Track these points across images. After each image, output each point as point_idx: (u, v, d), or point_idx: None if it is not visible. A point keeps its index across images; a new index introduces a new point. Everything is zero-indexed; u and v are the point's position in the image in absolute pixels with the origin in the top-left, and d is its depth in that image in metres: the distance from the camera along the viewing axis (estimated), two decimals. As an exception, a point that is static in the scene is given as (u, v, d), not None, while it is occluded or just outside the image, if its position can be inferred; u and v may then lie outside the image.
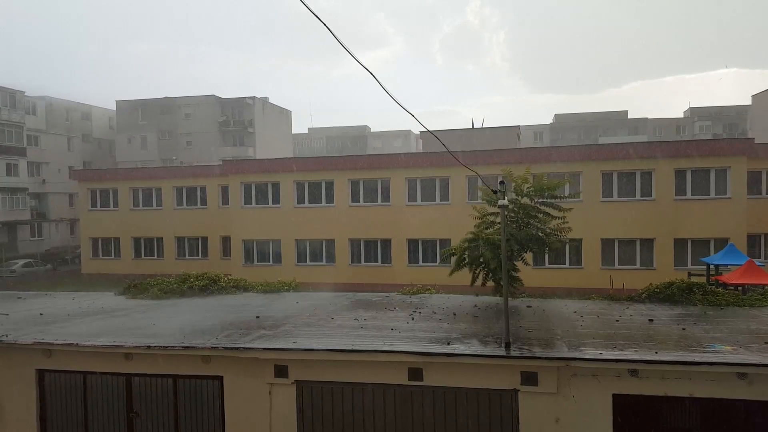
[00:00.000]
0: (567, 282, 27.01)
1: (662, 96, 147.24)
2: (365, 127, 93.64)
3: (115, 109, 62.01)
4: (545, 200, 14.49)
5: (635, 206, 28.44)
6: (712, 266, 21.87)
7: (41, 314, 12.78)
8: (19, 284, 31.64)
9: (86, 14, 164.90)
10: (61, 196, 55.98)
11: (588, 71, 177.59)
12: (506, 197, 10.15)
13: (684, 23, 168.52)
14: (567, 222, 14.53)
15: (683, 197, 28.02)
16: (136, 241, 39.71)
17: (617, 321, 10.77)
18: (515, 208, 14.15)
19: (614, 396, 8.33)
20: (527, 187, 14.46)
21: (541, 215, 14.20)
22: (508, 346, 8.79)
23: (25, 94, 52.79)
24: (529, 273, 18.35)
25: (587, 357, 8.30)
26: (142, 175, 40.44)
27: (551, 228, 14.24)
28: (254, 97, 61.88)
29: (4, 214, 49.85)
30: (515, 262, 14.24)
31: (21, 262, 42.66)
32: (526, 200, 14.38)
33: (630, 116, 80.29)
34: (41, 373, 10.51)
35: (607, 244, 28.87)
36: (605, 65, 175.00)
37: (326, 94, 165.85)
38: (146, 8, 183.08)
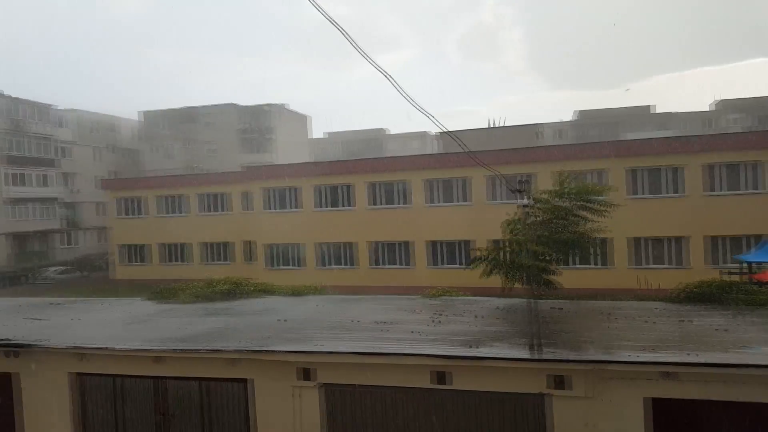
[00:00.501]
0: (595, 282, 26.55)
1: (689, 89, 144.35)
2: (382, 130, 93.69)
3: (140, 119, 63.20)
4: (585, 203, 14.22)
5: (664, 203, 27.88)
6: (745, 264, 21.29)
7: (72, 319, 13.01)
8: (53, 290, 32.39)
9: (110, 27, 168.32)
10: (90, 205, 57.35)
11: (609, 66, 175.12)
12: (529, 196, 10.02)
13: (710, 12, 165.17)
14: (605, 226, 14.41)
15: (714, 193, 27.36)
16: (163, 247, 40.34)
17: (648, 322, 10.52)
18: (553, 210, 13.94)
19: (650, 400, 8.07)
20: (567, 189, 14.17)
21: (578, 218, 14.01)
22: (536, 348, 8.64)
23: (55, 107, 54.30)
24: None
25: (620, 359, 8.07)
26: (167, 183, 41.14)
27: (587, 231, 14.09)
28: (272, 104, 62.64)
29: (38, 224, 51.21)
30: (551, 267, 14.07)
31: (54, 269, 43.81)
32: (565, 202, 14.19)
33: (655, 111, 78.82)
34: (75, 376, 10.74)
35: (635, 242, 28.36)
36: (627, 59, 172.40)
37: (343, 99, 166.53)
38: (169, 20, 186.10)
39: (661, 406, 8.09)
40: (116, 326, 12.10)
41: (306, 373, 9.40)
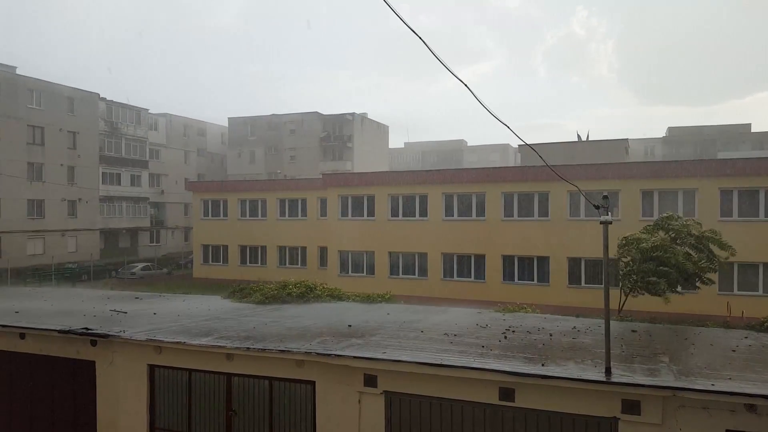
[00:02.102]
0: (679, 307, 25.09)
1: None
2: (462, 141, 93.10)
3: (227, 125, 66.19)
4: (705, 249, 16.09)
5: (758, 226, 26.06)
6: None
7: (155, 314, 13.76)
8: (137, 285, 34.37)
9: (204, 38, 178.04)
10: (177, 206, 60.60)
11: (706, 81, 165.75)
12: (609, 213, 9.63)
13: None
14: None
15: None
16: (242, 248, 41.91)
17: (734, 351, 9.85)
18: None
19: None
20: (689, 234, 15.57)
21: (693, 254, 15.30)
22: (608, 371, 8.29)
23: (149, 111, 57.85)
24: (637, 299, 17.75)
25: (697, 387, 7.64)
26: (249, 187, 42.77)
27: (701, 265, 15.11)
28: (354, 113, 63.64)
29: (128, 221, 54.67)
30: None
31: (140, 265, 46.41)
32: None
33: (754, 129, 73.83)
34: (152, 368, 11.31)
35: (725, 267, 26.61)
36: (726, 74, 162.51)
37: (424, 110, 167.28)
38: (260, 33, 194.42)
39: None
40: (193, 322, 12.66)
41: (371, 380, 9.45)
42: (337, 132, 62.92)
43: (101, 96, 51.94)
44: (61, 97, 47.95)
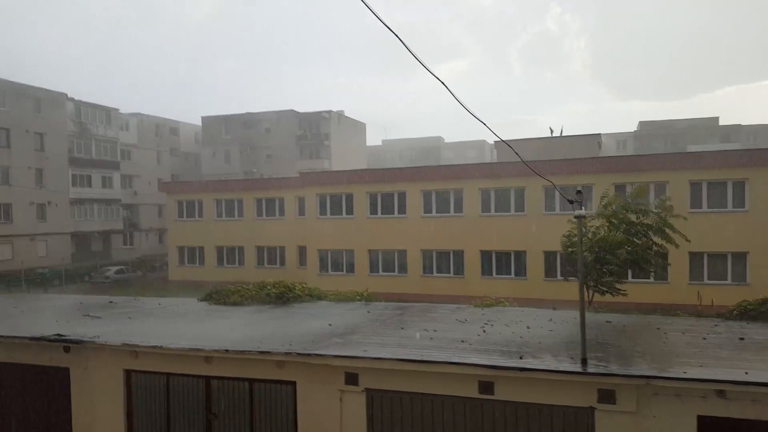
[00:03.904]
0: (651, 297, 25.65)
1: (760, 101, 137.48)
2: (439, 138, 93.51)
3: (200, 124, 65.36)
4: (654, 222, 14.64)
5: (727, 218, 26.72)
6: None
7: (130, 318, 13.59)
8: (111, 289, 33.85)
9: (175, 35, 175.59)
10: (150, 207, 59.62)
11: (676, 76, 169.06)
12: (583, 207, 9.81)
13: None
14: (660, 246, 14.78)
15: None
16: (219, 249, 41.52)
17: (704, 339, 10.12)
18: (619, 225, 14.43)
19: (699, 417, 7.83)
20: (637, 204, 14.71)
21: (645, 239, 14.41)
22: (584, 362, 8.46)
23: (119, 111, 56.72)
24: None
25: (669, 375, 7.85)
26: (225, 187, 42.35)
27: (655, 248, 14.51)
28: (330, 110, 63.42)
29: (100, 224, 53.63)
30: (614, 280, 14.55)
31: (114, 268, 45.62)
32: (632, 217, 14.65)
33: (722, 123, 75.56)
34: (128, 373, 11.16)
35: (695, 258, 27.25)
36: (696, 69, 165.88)
37: (401, 107, 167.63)
38: (232, 29, 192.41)
39: (710, 424, 7.84)
40: (169, 326, 12.53)
41: (352, 378, 9.49)
42: (314, 130, 62.58)
43: (69, 96, 50.83)
44: (26, 98, 46.56)
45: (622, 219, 15.96)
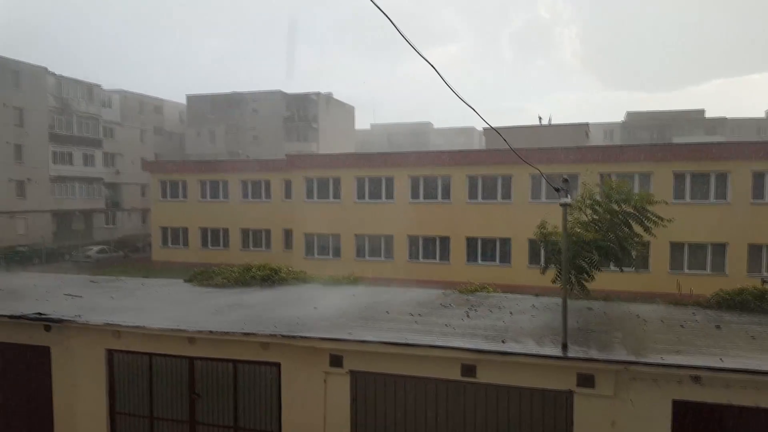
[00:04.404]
0: (631, 286, 26.04)
1: (746, 95, 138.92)
2: (428, 123, 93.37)
3: (185, 103, 64.52)
4: (633, 212, 14.73)
5: (709, 209, 27.14)
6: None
7: (112, 297, 13.51)
8: (93, 269, 33.53)
9: (159, 10, 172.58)
10: (133, 187, 58.88)
11: (666, 68, 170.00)
12: (569, 196, 9.90)
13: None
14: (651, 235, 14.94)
15: (761, 201, 26.48)
16: (204, 231, 41.30)
17: (682, 326, 10.32)
18: (604, 214, 14.49)
19: (674, 402, 8.04)
20: (616, 195, 14.69)
21: (626, 228, 14.49)
22: (564, 347, 8.62)
23: (102, 87, 55.62)
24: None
25: (647, 361, 8.03)
26: (210, 168, 42.01)
27: (636, 239, 14.65)
28: (319, 92, 62.88)
29: (82, 203, 52.92)
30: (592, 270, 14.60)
31: (96, 248, 45.21)
32: (614, 206, 14.69)
33: (708, 115, 76.31)
34: (111, 353, 11.11)
35: (676, 247, 27.68)
36: (685, 61, 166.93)
37: (391, 91, 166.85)
38: (219, 5, 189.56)
39: (685, 408, 8.05)
40: (153, 306, 12.49)
41: (336, 360, 9.56)
42: (302, 112, 62.10)
43: (50, 70, 49.74)
44: (5, 70, 45.37)
45: (605, 209, 15.86)
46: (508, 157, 27.46)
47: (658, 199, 16.11)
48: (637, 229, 15.55)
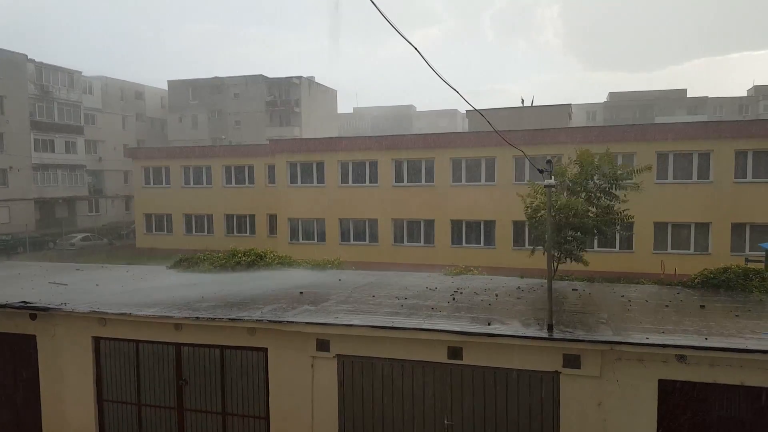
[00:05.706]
0: (616, 266, 26.36)
1: (727, 74, 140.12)
2: (411, 106, 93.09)
3: (167, 88, 63.60)
4: (611, 184, 14.70)
5: (691, 189, 27.42)
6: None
7: (97, 285, 13.36)
8: (77, 257, 33.21)
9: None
10: (116, 174, 58.21)
11: (647, 47, 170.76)
12: (552, 177, 9.91)
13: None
14: (627, 209, 14.86)
15: (743, 180, 26.81)
16: (188, 217, 40.96)
17: (667, 306, 10.45)
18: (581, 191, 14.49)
19: (660, 381, 8.15)
20: (593, 171, 14.64)
21: (605, 201, 14.49)
22: (550, 328, 8.67)
23: (83, 74, 54.69)
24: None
25: (632, 341, 8.11)
26: (192, 153, 41.56)
27: (616, 214, 14.64)
28: (301, 76, 62.29)
29: (64, 190, 52.23)
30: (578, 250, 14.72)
31: (79, 236, 44.69)
32: (591, 183, 14.69)
33: (690, 95, 76.92)
34: (97, 341, 11.03)
35: (659, 227, 27.99)
36: (666, 41, 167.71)
37: (373, 74, 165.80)
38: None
39: (671, 387, 8.16)
40: (138, 293, 12.37)
41: (323, 345, 9.56)
42: (284, 96, 61.52)
43: (29, 57, 48.77)
44: (-17, 58, 44.77)
45: (583, 184, 15.56)
46: (492, 139, 27.56)
47: (640, 167, 16.14)
48: (606, 202, 15.42)
